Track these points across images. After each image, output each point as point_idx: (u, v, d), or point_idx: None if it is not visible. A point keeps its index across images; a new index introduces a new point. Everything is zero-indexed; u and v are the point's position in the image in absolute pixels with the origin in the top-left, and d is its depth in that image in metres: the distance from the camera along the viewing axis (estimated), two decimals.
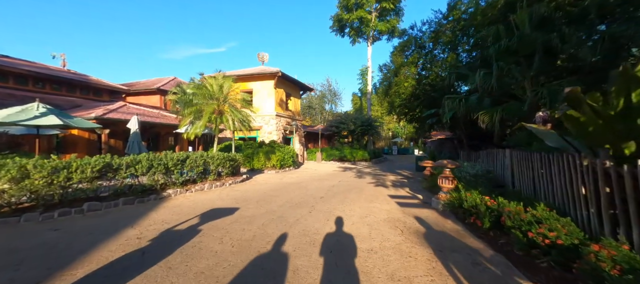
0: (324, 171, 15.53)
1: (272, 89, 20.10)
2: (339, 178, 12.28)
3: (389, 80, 14.27)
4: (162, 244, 4.07)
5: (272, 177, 12.53)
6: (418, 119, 14.06)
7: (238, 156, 10.77)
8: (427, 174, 9.03)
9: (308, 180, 11.53)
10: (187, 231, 4.65)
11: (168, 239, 4.25)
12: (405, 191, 8.90)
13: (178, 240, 4.20)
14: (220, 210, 6.01)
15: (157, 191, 7.16)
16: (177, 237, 4.34)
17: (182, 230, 4.69)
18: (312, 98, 42.15)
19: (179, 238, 4.29)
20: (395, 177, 12.88)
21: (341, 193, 8.41)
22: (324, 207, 6.41)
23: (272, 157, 14.62)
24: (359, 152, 23.49)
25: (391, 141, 39.82)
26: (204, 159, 8.64)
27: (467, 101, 8.28)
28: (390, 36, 29.14)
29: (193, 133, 9.72)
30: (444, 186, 6.19)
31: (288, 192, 8.52)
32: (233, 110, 9.75)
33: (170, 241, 4.16)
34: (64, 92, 16.17)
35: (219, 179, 9.61)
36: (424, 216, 5.58)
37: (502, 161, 7.06)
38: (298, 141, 23.71)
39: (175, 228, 4.78)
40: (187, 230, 4.68)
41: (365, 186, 9.88)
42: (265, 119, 20.20)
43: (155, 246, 3.97)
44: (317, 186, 9.91)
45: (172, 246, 3.96)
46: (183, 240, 4.20)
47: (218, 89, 9.91)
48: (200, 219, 5.38)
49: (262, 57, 22.33)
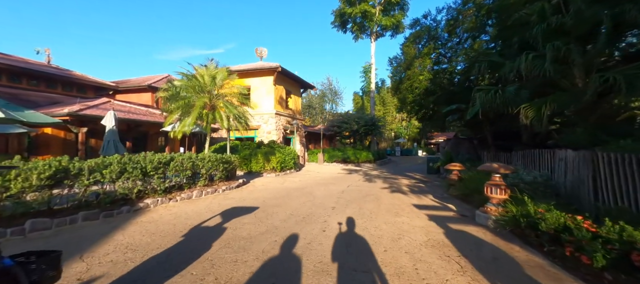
0: (328, 174, 14.20)
1: (271, 85, 18.77)
2: (346, 182, 10.95)
3: (400, 74, 13.00)
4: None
5: (272, 181, 11.17)
6: (431, 116, 12.76)
7: (233, 157, 9.41)
8: (454, 179, 7.73)
9: (313, 185, 10.19)
10: (156, 265, 3.29)
11: (126, 282, 2.90)
12: (429, 199, 7.59)
13: (140, 282, 2.86)
14: (206, 230, 4.65)
15: (131, 201, 5.78)
16: (140, 277, 2.99)
17: (149, 263, 3.33)
18: (312, 97, 40.82)
19: (142, 279, 2.94)
20: (409, 182, 11.57)
21: (355, 202, 7.08)
22: (340, 223, 5.07)
23: (271, 158, 13.27)
24: (362, 153, 22.23)
25: (394, 142, 38.57)
26: (192, 162, 7.28)
27: (504, 92, 6.99)
28: (395, 32, 27.94)
29: (180, 131, 8.37)
30: (493, 196, 4.88)
31: (292, 200, 7.18)
32: (227, 105, 8.38)
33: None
34: (43, 88, 14.73)
35: (211, 185, 8.24)
36: (477, 238, 4.26)
37: (558, 165, 5.75)
38: (299, 142, 22.38)
39: (141, 259, 3.43)
40: (156, 264, 3.32)
41: (381, 193, 8.56)
42: (264, 117, 18.86)
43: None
44: (324, 192, 8.58)
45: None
46: (146, 283, 2.85)
47: (210, 80, 8.55)
48: (178, 242, 4.03)
49: (260, 52, 21.00)
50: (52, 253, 1.78)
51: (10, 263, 1.46)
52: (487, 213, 4.85)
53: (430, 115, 12.77)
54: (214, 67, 8.67)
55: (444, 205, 6.76)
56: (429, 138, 48.41)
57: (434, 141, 50.37)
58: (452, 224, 5.00)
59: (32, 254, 1.72)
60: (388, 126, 34.77)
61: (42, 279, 1.63)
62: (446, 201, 7.18)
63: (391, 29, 27.50)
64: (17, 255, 1.65)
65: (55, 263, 1.76)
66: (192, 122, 8.19)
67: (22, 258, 1.66)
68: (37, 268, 1.63)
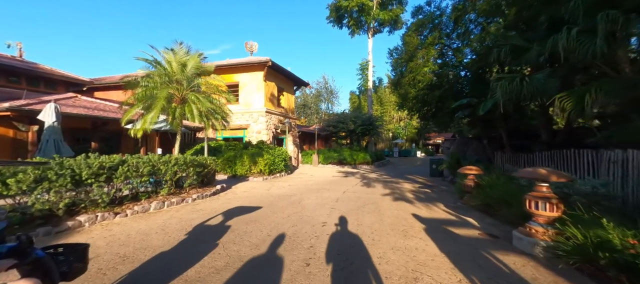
0: (323, 177, 12.87)
1: (261, 81, 17.39)
2: (342, 187, 9.63)
3: (401, 67, 11.77)
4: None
5: (257, 186, 9.80)
6: (435, 114, 11.50)
7: (210, 160, 8.02)
8: (470, 185, 6.45)
9: (304, 191, 8.85)
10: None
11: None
12: (440, 209, 6.29)
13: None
14: (140, 267, 3.27)
15: (57, 220, 4.38)
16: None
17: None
18: (308, 97, 39.48)
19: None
20: (412, 186, 10.29)
21: (352, 214, 5.75)
22: (333, 250, 3.74)
23: (258, 160, 11.89)
24: (359, 154, 20.97)
25: (392, 143, 37.37)
26: (151, 166, 5.87)
27: (531, 80, 5.73)
28: (393, 28, 26.82)
29: (141, 128, 6.95)
30: (539, 213, 3.58)
31: (275, 212, 5.82)
32: (199, 98, 6.98)
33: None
34: (2, 82, 13.17)
35: (180, 193, 6.85)
36: (524, 277, 2.95)
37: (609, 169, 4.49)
38: (292, 142, 21.02)
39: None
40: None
41: (382, 201, 7.25)
42: (254, 116, 17.46)
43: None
44: (315, 200, 7.24)
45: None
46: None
47: (179, 68, 7.15)
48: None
49: (250, 46, 19.61)
50: (80, 245, 1.87)
51: (41, 254, 1.54)
52: (532, 235, 3.56)
53: (433, 112, 11.49)
54: (185, 52, 7.27)
55: (462, 219, 5.46)
56: (427, 139, 47.38)
57: (431, 142, 49.36)
58: (484, 251, 3.69)
59: (61, 247, 1.81)
60: (386, 126, 33.56)
61: (70, 270, 1.72)
62: (462, 212, 5.88)
63: (389, 24, 26.34)
64: (47, 247, 1.72)
65: (83, 255, 1.85)
66: (154, 118, 6.79)
67: (52, 250, 1.75)
68: (66, 260, 1.72)
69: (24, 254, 1.45)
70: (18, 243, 1.45)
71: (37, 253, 1.51)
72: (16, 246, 1.44)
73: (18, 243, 1.45)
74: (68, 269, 1.70)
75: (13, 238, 1.56)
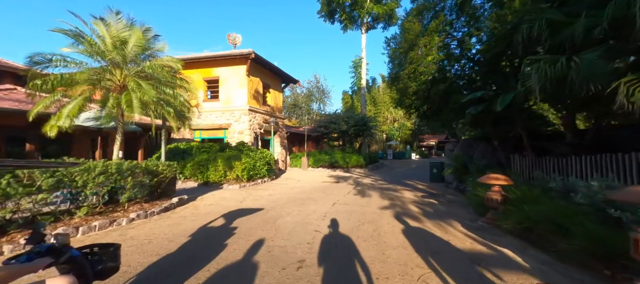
0: (311, 183, 11.26)
1: (244, 76, 15.68)
2: (332, 197, 8.03)
3: (399, 58, 10.32)
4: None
5: (229, 197, 8.09)
6: (438, 111, 10.04)
7: (164, 166, 6.28)
8: (496, 199, 4.92)
9: (285, 202, 7.21)
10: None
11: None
12: (459, 231, 4.76)
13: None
14: None
15: None
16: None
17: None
18: (299, 96, 37.81)
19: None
20: (413, 195, 8.77)
21: (343, 243, 4.15)
22: None
23: (235, 165, 10.17)
24: (352, 157, 19.45)
25: (385, 144, 36.02)
26: (57, 178, 4.12)
27: (582, 61, 4.29)
28: (388, 23, 25.51)
29: (56, 123, 5.15)
30: None
31: (237, 241, 4.17)
32: (142, 84, 5.20)
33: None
34: None
35: (113, 211, 5.11)
36: None
37: None
38: (279, 144, 19.34)
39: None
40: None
41: (381, 219, 5.67)
42: (235, 114, 15.72)
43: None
44: (296, 218, 5.61)
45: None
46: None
47: (113, 45, 5.36)
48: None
49: (233, 38, 17.87)
50: (112, 245, 1.94)
51: (76, 254, 1.63)
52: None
53: (436, 109, 10.02)
54: (125, 26, 5.49)
55: (495, 249, 3.92)
56: (421, 141, 46.31)
57: (425, 144, 48.30)
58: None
59: (96, 246, 1.89)
60: (380, 128, 32.23)
61: (104, 269, 1.79)
62: (491, 237, 4.35)
63: (383, 19, 25.03)
64: (82, 247, 1.79)
65: (115, 255, 1.91)
66: (76, 110, 5.05)
67: (88, 249, 1.82)
68: (100, 259, 1.78)
69: (60, 253, 1.54)
70: (55, 242, 1.57)
71: (73, 253, 1.60)
72: (53, 246, 1.55)
73: (55, 242, 1.57)
74: (102, 269, 1.76)
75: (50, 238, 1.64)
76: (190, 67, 16.41)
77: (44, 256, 1.48)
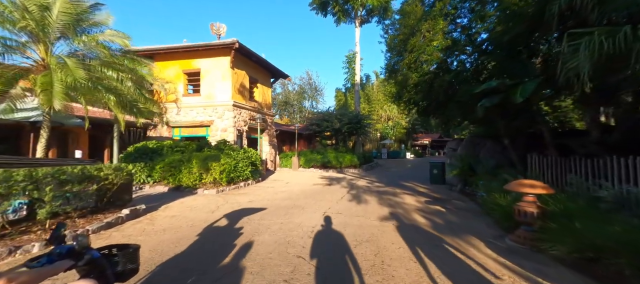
0: (300, 186, 10.04)
1: (227, 69, 14.32)
2: (323, 204, 6.82)
3: (399, 47, 9.22)
4: None
5: (201, 205, 6.79)
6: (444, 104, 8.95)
7: (109, 169, 4.97)
8: (531, 212, 3.80)
9: (267, 212, 5.98)
10: None
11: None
12: (486, 255, 3.62)
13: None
14: None
15: None
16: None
17: None
18: (290, 93, 36.45)
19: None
20: (416, 201, 7.66)
21: (334, 278, 2.96)
22: None
23: (212, 166, 8.86)
24: (346, 156, 18.34)
25: (379, 143, 35.06)
26: None
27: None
28: (382, 17, 24.47)
29: None
30: None
31: (184, 278, 2.92)
32: (67, 61, 3.89)
33: None
34: None
35: (28, 231, 3.80)
36: None
37: None
38: (268, 142, 18.06)
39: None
40: None
41: (383, 235, 4.50)
42: (218, 110, 14.34)
43: None
44: (277, 236, 4.40)
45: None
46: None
47: (37, 8, 4.03)
48: None
49: (217, 29, 16.39)
50: (132, 246, 1.87)
51: (97, 255, 1.56)
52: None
53: (439, 103, 8.93)
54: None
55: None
56: (415, 140, 45.58)
57: (419, 143, 47.59)
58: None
59: (115, 247, 1.83)
60: (374, 126, 31.21)
61: (124, 271, 1.74)
62: (531, 266, 3.22)
63: (378, 12, 23.99)
64: (101, 248, 1.72)
65: (135, 257, 1.84)
66: None
67: (106, 251, 1.77)
68: (120, 261, 1.72)
69: (81, 255, 1.48)
70: (75, 243, 1.49)
71: (93, 254, 1.54)
72: (73, 247, 1.48)
73: (75, 243, 1.49)
74: (121, 270, 1.72)
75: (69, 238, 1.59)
76: (168, 58, 14.96)
77: (64, 258, 1.40)
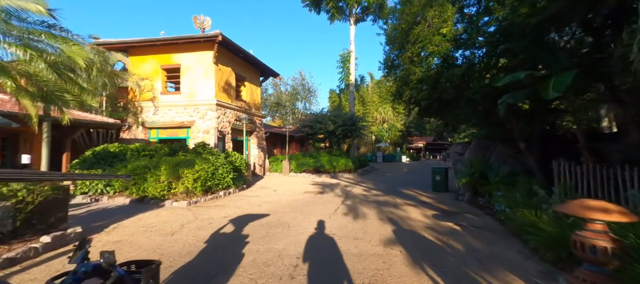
0: (289, 196, 8.80)
1: (210, 64, 13.04)
2: (313, 219, 5.60)
3: (400, 39, 8.16)
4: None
5: (161, 224, 5.49)
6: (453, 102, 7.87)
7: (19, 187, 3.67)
8: (603, 247, 2.71)
9: (242, 235, 4.75)
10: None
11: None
12: None
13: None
14: None
15: None
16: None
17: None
18: (282, 94, 35.18)
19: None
20: (421, 214, 6.52)
21: None
22: None
23: (184, 173, 7.57)
24: (340, 160, 17.23)
25: (374, 146, 34.03)
26: None
27: None
28: (377, 16, 23.56)
29: None
30: None
31: None
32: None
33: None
34: None
35: None
36: None
37: None
38: (256, 145, 16.80)
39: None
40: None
41: (390, 272, 3.31)
42: (200, 110, 13.03)
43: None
44: (248, 271, 3.18)
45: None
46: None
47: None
48: None
49: (201, 22, 15.04)
50: (152, 263, 1.90)
51: (122, 273, 1.56)
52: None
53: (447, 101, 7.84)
54: None
55: None
56: (410, 142, 44.73)
57: (414, 146, 46.75)
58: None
59: (133, 264, 1.88)
60: (368, 128, 30.21)
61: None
62: None
63: (373, 10, 23.05)
64: (121, 264, 1.72)
65: (156, 274, 1.86)
66: None
67: (126, 267, 1.79)
68: (143, 278, 1.73)
69: (108, 273, 1.47)
70: (102, 261, 1.48)
71: (119, 272, 1.54)
72: (100, 265, 1.47)
73: (102, 261, 1.48)
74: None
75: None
76: (145, 53, 13.60)
77: (90, 276, 1.40)
